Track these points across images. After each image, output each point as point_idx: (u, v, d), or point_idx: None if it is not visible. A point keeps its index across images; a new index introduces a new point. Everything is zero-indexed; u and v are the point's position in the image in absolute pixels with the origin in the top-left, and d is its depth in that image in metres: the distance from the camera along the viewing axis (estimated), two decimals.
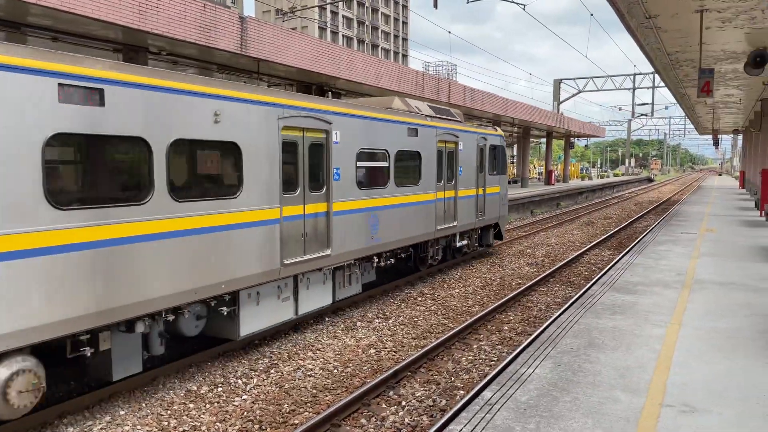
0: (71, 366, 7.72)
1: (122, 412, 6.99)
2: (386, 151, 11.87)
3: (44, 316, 5.98)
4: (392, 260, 12.71)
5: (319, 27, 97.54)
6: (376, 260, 11.98)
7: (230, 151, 8.15)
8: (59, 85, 6.03)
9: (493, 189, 17.30)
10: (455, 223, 14.98)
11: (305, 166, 9.61)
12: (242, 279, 8.34)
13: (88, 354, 6.66)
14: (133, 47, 14.31)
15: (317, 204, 9.89)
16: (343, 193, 10.50)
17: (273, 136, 8.85)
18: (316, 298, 10.22)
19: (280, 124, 8.99)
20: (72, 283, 6.21)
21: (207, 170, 7.91)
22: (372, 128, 11.36)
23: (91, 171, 6.47)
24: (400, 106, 13.15)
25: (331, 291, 10.67)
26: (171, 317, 7.57)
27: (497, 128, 18.06)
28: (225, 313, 8.35)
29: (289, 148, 9.25)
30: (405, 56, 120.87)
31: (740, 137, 66.66)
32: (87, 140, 6.35)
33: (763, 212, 23.45)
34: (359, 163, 10.99)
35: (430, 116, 13.99)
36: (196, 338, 8.77)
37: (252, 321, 8.76)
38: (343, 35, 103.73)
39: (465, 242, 16.13)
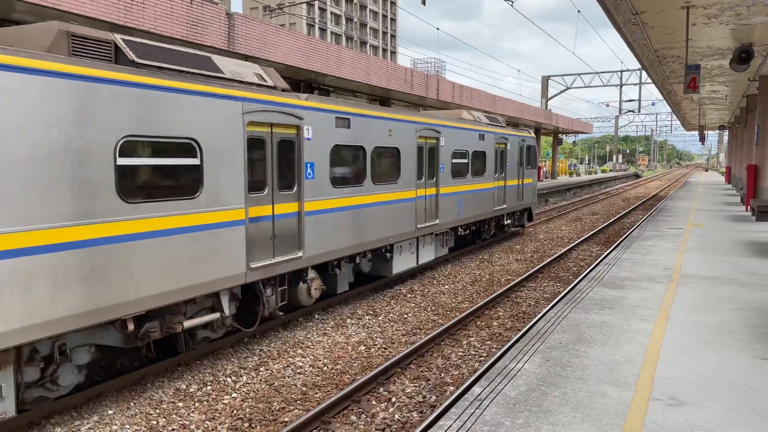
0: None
1: (110, 412, 6.93)
2: (467, 151, 16.09)
3: (326, 247, 10.31)
4: (468, 231, 17.00)
5: (307, 24, 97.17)
6: (460, 231, 16.42)
7: (396, 153, 12.61)
8: (336, 117, 10.51)
9: (528, 180, 21.52)
10: (505, 206, 19.22)
11: (425, 162, 13.92)
12: (397, 236, 12.69)
13: (337, 273, 11.10)
14: None
15: (430, 188, 14.21)
16: (445, 181, 14.82)
17: (413, 142, 13.22)
18: (427, 254, 14.45)
19: (416, 135, 13.39)
20: (338, 230, 10.63)
21: (385, 165, 12.33)
22: (460, 135, 15.64)
23: (345, 165, 10.93)
24: (467, 116, 17.39)
25: (434, 250, 14.79)
26: (369, 257, 12.26)
27: (530, 131, 21.98)
28: (387, 258, 12.66)
29: (419, 151, 13.64)
30: (394, 53, 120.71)
31: (726, 133, 67.31)
32: (343, 148, 10.81)
33: (749, 207, 23.68)
34: (453, 160, 15.25)
35: (489, 124, 18.08)
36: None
37: (398, 265, 13.05)
38: (331, 32, 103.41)
39: (509, 221, 20.36)
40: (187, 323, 7.77)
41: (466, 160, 16.01)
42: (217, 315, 8.27)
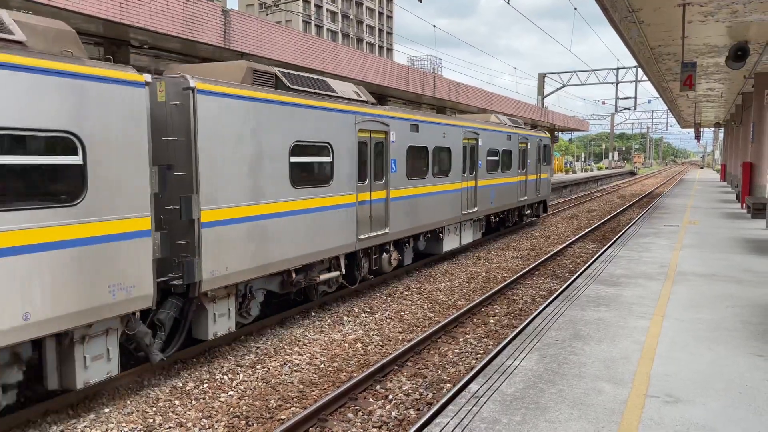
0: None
1: (107, 410, 6.92)
2: (498, 149, 18.85)
3: (402, 226, 13.01)
4: (497, 219, 19.77)
5: (303, 21, 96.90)
6: (492, 218, 19.23)
7: (448, 151, 15.31)
8: (409, 124, 13.19)
9: (544, 175, 24.23)
10: (526, 198, 21.93)
11: (468, 159, 16.61)
12: (447, 220, 15.35)
13: (406, 248, 13.80)
14: (114, 41, 14.10)
15: (471, 181, 16.91)
16: (482, 175, 17.58)
17: (460, 142, 15.95)
18: (467, 236, 17.16)
19: (463, 136, 16.11)
20: (410, 213, 13.34)
21: (441, 161, 14.99)
22: (493, 136, 18.42)
23: (415, 162, 13.62)
24: (494, 120, 20.04)
25: (471, 234, 17.49)
26: (428, 236, 15.02)
27: (546, 132, 24.77)
28: (441, 238, 15.39)
29: (464, 150, 16.28)
30: (390, 50, 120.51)
31: (721, 131, 67.42)
32: (414, 148, 13.50)
33: (744, 204, 23.75)
34: (488, 158, 17.98)
35: (513, 126, 20.74)
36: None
37: (447, 244, 15.74)
38: (327, 29, 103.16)
39: (529, 211, 23.10)
40: (322, 276, 10.56)
41: (497, 158, 18.75)
42: (337, 273, 11.03)
